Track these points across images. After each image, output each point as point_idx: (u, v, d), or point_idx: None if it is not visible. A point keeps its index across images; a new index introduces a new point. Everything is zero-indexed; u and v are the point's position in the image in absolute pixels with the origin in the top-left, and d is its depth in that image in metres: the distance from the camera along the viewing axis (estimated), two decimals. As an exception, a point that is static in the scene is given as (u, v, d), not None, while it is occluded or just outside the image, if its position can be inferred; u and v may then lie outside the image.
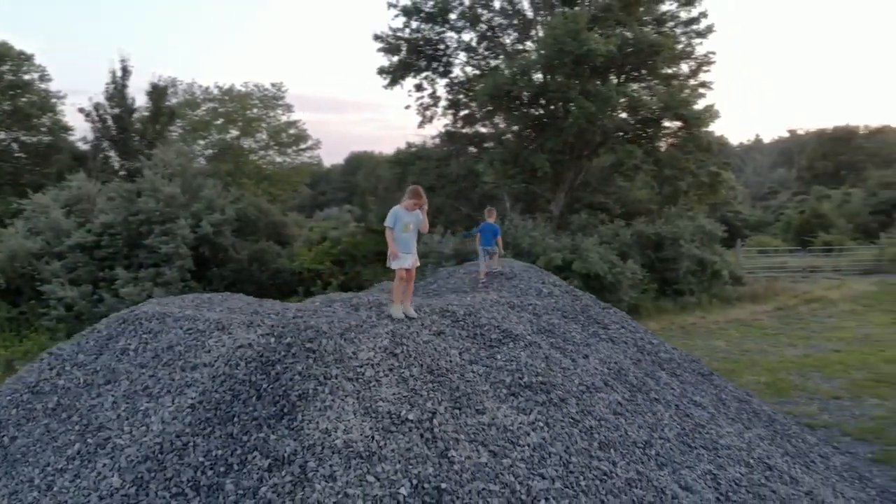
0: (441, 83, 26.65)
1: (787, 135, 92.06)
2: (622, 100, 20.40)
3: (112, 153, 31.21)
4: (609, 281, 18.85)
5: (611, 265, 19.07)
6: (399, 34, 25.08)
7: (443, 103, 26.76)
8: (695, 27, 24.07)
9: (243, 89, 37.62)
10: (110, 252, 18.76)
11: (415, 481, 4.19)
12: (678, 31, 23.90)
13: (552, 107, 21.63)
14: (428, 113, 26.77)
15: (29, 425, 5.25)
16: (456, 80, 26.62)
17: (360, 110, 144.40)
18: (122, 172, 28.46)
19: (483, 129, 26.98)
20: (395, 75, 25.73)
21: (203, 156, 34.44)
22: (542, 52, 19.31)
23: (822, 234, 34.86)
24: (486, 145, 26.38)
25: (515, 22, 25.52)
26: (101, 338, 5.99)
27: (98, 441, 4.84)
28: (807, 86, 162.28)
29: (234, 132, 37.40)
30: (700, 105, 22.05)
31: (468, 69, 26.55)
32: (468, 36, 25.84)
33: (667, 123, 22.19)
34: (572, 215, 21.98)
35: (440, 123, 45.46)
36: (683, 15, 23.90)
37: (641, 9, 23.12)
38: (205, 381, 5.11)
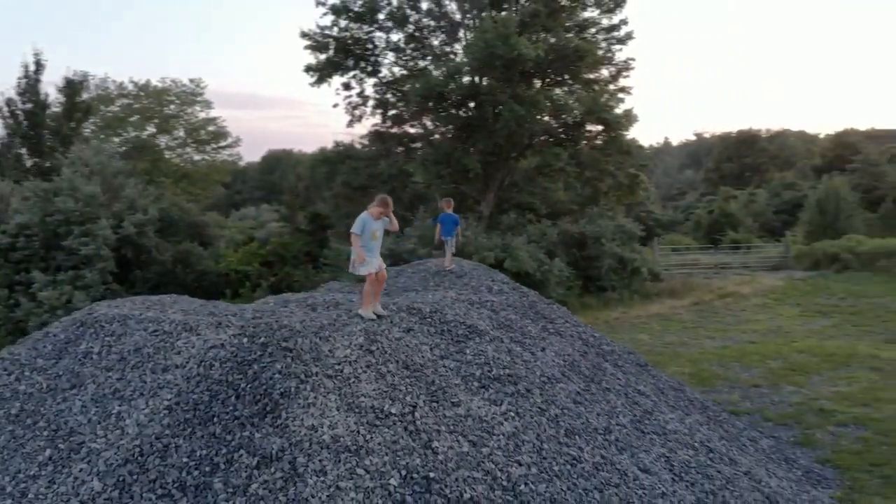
0: (369, 82, 26.69)
1: (694, 138, 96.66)
2: (548, 104, 21.04)
3: (24, 151, 29.51)
4: (538, 279, 19.42)
5: (539, 263, 19.67)
6: (327, 32, 24.94)
7: (371, 103, 26.79)
8: (615, 34, 25.09)
9: (160, 85, 36.40)
10: (26, 254, 17.80)
11: (403, 472, 4.35)
12: (600, 37, 24.83)
13: (483, 109, 22.05)
14: (357, 112, 26.73)
15: (-10, 435, 5.07)
16: (384, 80, 26.70)
17: (278, 107, 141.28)
18: (35, 171, 26.95)
19: (412, 130, 27.19)
20: (322, 73, 25.57)
21: (118, 153, 33.09)
22: (473, 55, 19.68)
23: (730, 233, 36.88)
24: (414, 145, 26.60)
25: (443, 24, 25.85)
26: (58, 341, 5.82)
27: (71, 446, 4.74)
28: (712, 91, 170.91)
29: (151, 129, 36.06)
30: (619, 109, 23.04)
31: (396, 69, 26.71)
32: (396, 36, 25.98)
33: (589, 127, 23.03)
34: (501, 215, 22.49)
35: (369, 123, 45.50)
36: (605, 22, 24.86)
37: (564, 14, 23.93)
38: (179, 383, 5.08)
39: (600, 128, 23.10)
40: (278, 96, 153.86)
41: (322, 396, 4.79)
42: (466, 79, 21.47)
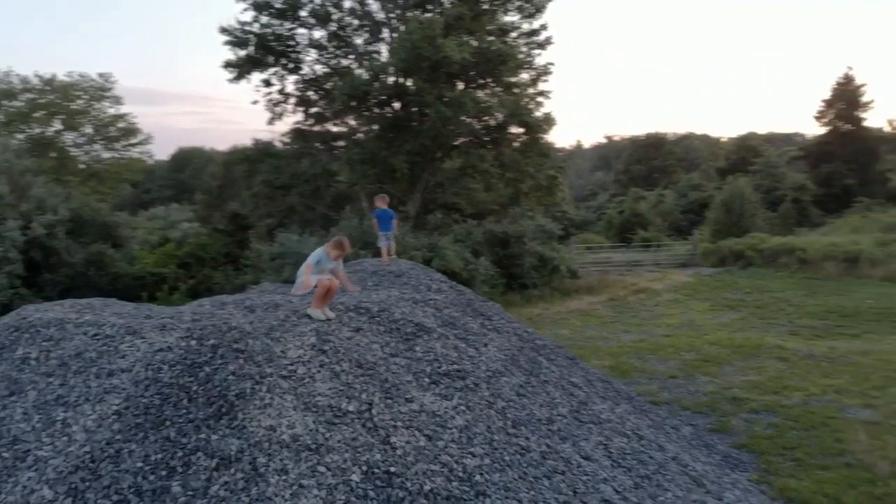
0: (291, 80, 26.36)
1: (605, 141, 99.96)
2: (474, 106, 21.41)
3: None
4: (464, 277, 19.75)
5: (465, 262, 20.02)
6: (247, 28, 24.46)
7: (293, 100, 26.46)
8: (535, 38, 25.77)
9: (67, 79, 34.54)
10: (-73, 258, 16.71)
11: (364, 468, 4.44)
12: (521, 41, 25.44)
13: (409, 109, 22.19)
14: (277, 109, 26.35)
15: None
16: (306, 78, 26.43)
17: (184, 103, 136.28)
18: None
19: (334, 129, 27.02)
20: (242, 70, 25.08)
21: (22, 150, 31.23)
22: (399, 56, 19.80)
23: (640, 232, 38.44)
24: (335, 144, 26.45)
25: (366, 23, 25.82)
26: (-12, 348, 5.56)
27: (16, 454, 4.57)
28: (622, 96, 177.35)
29: (57, 125, 34.17)
30: (539, 113, 23.71)
31: (318, 67, 26.49)
32: (319, 34, 25.77)
33: (511, 130, 23.58)
34: (428, 215, 22.70)
35: (290, 121, 44.87)
36: (525, 27, 25.48)
37: (486, 18, 24.39)
38: (127, 387, 4.97)
39: (521, 130, 23.70)
40: (184, 92, 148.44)
41: (278, 397, 4.81)
42: (391, 79, 21.55)
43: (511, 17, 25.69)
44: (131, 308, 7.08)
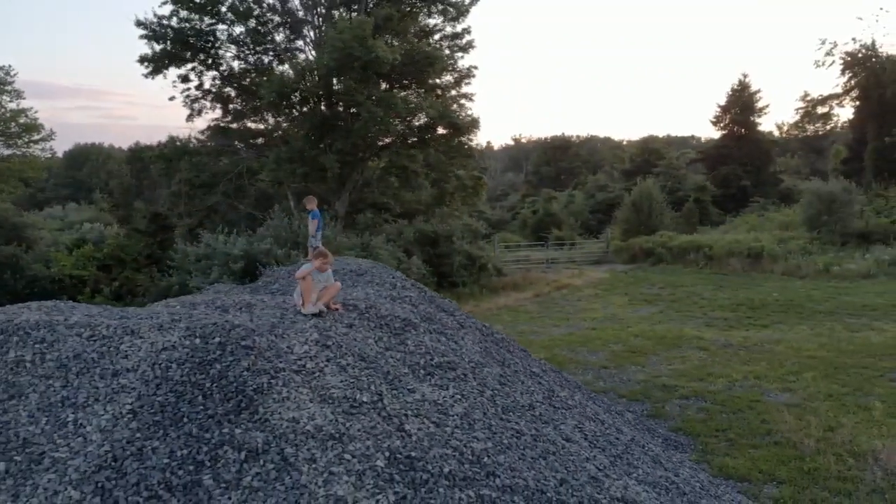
0: (209, 76, 25.75)
1: (512, 143, 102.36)
2: (404, 106, 21.66)
3: None
4: (398, 276, 20.00)
5: (399, 262, 20.23)
6: (165, 22, 23.71)
7: (211, 97, 25.85)
8: (458, 42, 26.31)
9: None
10: None
11: (387, 454, 4.67)
12: (444, 44, 25.91)
13: (337, 109, 22.18)
14: (196, 106, 25.66)
15: (-84, 454, 4.63)
16: (225, 74, 25.89)
17: (76, 97, 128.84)
18: None
19: (254, 126, 26.59)
20: (157, 64, 24.29)
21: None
22: (330, 55, 19.78)
23: (555, 231, 39.81)
24: (258, 142, 26.06)
25: (287, 20, 25.57)
26: (-25, 352, 5.39)
27: (30, 458, 4.51)
28: (527, 99, 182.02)
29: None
30: (465, 115, 24.26)
31: (237, 63, 26.02)
32: (239, 29, 25.31)
33: (440, 131, 24.00)
34: (357, 215, 22.77)
35: (208, 117, 43.70)
36: (449, 29, 25.98)
37: (409, 19, 24.70)
38: (137, 386, 4.98)
39: (448, 131, 24.15)
40: (76, 86, 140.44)
41: (294, 390, 4.97)
42: (317, 79, 21.49)
43: (434, 20, 26.17)
44: (99, 310, 6.96)
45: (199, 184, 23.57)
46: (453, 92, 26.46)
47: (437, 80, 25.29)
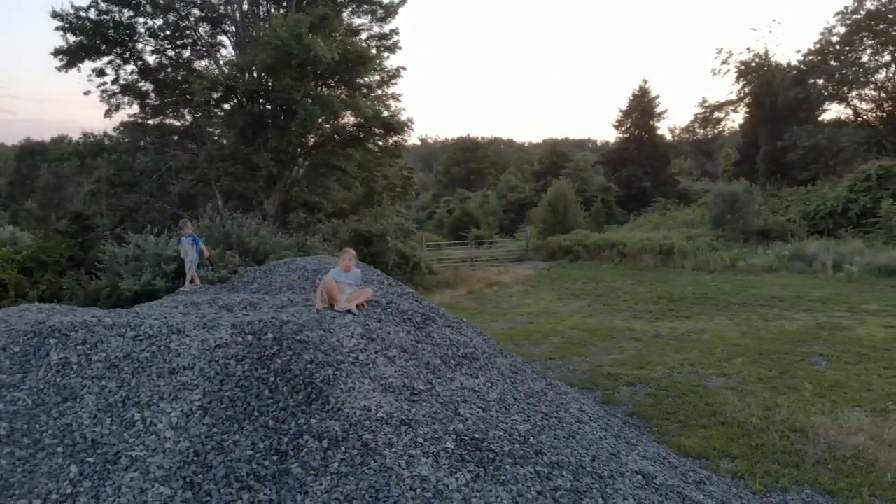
0: (126, 69, 24.73)
1: (419, 142, 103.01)
2: (342, 105, 21.67)
3: None
4: (337, 276, 19.99)
5: (337, 261, 20.24)
6: (82, 14, 22.60)
7: (130, 93, 24.83)
8: (385, 42, 26.51)
9: None
10: None
11: (454, 436, 4.99)
12: (372, 44, 26.06)
13: (266, 107, 21.89)
14: (113, 101, 24.57)
15: (-21, 459, 4.51)
16: (143, 67, 24.94)
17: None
18: None
19: (169, 122, 25.76)
20: (73, 57, 23.11)
21: None
22: (268, 52, 19.54)
23: (474, 230, 40.66)
24: (179, 139, 25.27)
25: (209, 15, 24.94)
26: (13, 354, 5.25)
27: (105, 458, 4.50)
28: (433, 100, 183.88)
29: None
30: (399, 115, 24.52)
31: (153, 58, 25.14)
32: (159, 22, 24.44)
33: (374, 130, 24.14)
34: (289, 214, 22.55)
35: (124, 113, 41.69)
36: (376, 30, 26.14)
37: (336, 19, 24.69)
38: (200, 383, 5.05)
39: (381, 131, 24.33)
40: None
41: (357, 381, 5.19)
42: (255, 76, 21.17)
43: (361, 20, 26.27)
44: (103, 313, 6.86)
45: (121, 182, 22.60)
46: (378, 91, 26.62)
47: (366, 80, 25.41)
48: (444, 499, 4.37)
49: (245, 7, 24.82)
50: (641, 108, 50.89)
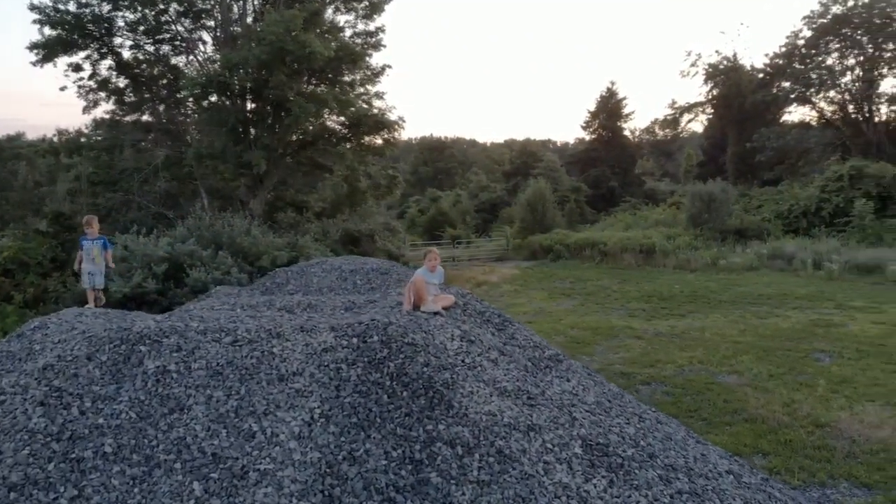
0: (104, 64, 23.90)
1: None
2: (336, 103, 21.31)
3: None
4: (330, 276, 19.66)
5: (330, 261, 19.92)
6: (61, 7, 21.72)
7: (110, 87, 24.00)
8: (370, 40, 26.19)
9: None
10: None
11: (580, 441, 4.87)
12: (358, 41, 25.72)
13: (262, 104, 21.38)
14: (91, 97, 23.70)
15: (92, 478, 4.19)
16: (122, 62, 24.13)
17: None
18: None
19: (152, 119, 24.98)
20: (49, 52, 22.20)
21: None
22: (262, 48, 19.05)
23: (450, 230, 40.55)
24: (164, 137, 24.53)
25: (189, 9, 24.27)
26: (102, 363, 4.91)
27: (230, 473, 4.22)
28: (396, 99, 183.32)
29: None
30: (388, 113, 24.27)
31: (129, 53, 24.35)
32: (139, 16, 23.66)
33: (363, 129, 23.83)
34: (276, 213, 22.09)
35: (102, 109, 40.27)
36: (361, 27, 25.81)
37: (320, 17, 24.30)
38: (314, 389, 4.80)
39: (368, 128, 24.02)
40: None
41: (473, 384, 5.01)
42: (250, 72, 20.66)
43: (346, 17, 25.91)
44: (132, 317, 6.57)
45: (101, 181, 21.76)
46: (361, 89, 26.29)
47: (352, 77, 25.06)
48: (592, 506, 4.24)
49: (228, 2, 24.20)
50: (609, 110, 51.53)
